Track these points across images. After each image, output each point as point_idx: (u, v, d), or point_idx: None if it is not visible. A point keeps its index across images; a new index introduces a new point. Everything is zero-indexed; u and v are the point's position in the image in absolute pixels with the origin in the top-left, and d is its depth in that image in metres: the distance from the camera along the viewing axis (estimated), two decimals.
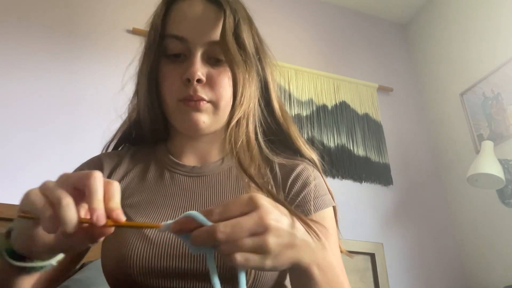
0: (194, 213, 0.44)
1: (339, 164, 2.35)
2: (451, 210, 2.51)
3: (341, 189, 2.29)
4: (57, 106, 1.94)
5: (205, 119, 0.68)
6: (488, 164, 2.01)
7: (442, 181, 2.60)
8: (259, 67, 0.72)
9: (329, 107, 2.50)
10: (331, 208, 0.71)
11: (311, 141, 2.34)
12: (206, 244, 0.44)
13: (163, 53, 0.69)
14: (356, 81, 2.65)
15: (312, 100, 2.48)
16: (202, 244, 0.44)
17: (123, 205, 0.69)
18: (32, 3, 2.11)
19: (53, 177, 0.47)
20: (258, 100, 0.72)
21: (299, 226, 0.49)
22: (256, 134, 0.71)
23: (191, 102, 0.67)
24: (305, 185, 0.70)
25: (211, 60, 0.68)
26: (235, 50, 0.65)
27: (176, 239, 0.61)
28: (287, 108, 2.38)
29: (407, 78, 2.90)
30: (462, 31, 2.63)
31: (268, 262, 0.44)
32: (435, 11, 2.86)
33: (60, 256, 0.53)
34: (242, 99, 0.65)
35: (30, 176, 1.74)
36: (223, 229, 0.42)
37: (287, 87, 2.44)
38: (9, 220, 1.59)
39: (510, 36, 2.32)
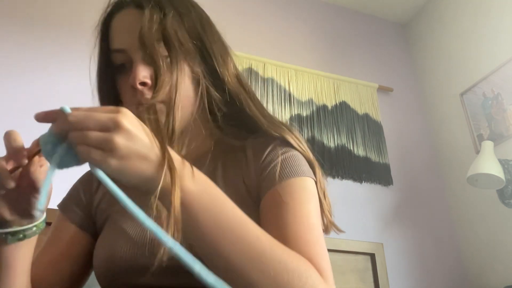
0: (64, 106, 0.46)
1: (339, 164, 2.35)
2: (451, 210, 2.51)
3: (341, 189, 2.29)
4: (55, 106, 1.94)
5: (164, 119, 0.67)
6: (488, 164, 2.01)
7: (442, 181, 2.60)
8: (204, 53, 0.71)
9: (329, 107, 2.50)
10: (306, 179, 0.66)
11: (311, 141, 2.34)
12: (60, 131, 0.45)
13: (113, 67, 0.71)
14: (356, 81, 2.65)
15: (312, 100, 2.47)
16: (58, 132, 0.45)
17: (112, 211, 0.71)
18: (29, 2, 2.11)
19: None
20: (212, 86, 0.71)
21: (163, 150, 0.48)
22: (216, 121, 0.73)
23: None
24: (272, 159, 0.67)
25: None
26: (152, 49, 0.64)
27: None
28: (287, 108, 2.38)
29: (407, 78, 2.90)
30: (462, 31, 2.63)
31: (113, 162, 0.44)
32: (435, 11, 2.86)
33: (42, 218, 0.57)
34: (158, 93, 0.63)
35: None
36: (75, 113, 0.44)
37: (287, 87, 2.44)
38: None
39: (510, 36, 2.32)
